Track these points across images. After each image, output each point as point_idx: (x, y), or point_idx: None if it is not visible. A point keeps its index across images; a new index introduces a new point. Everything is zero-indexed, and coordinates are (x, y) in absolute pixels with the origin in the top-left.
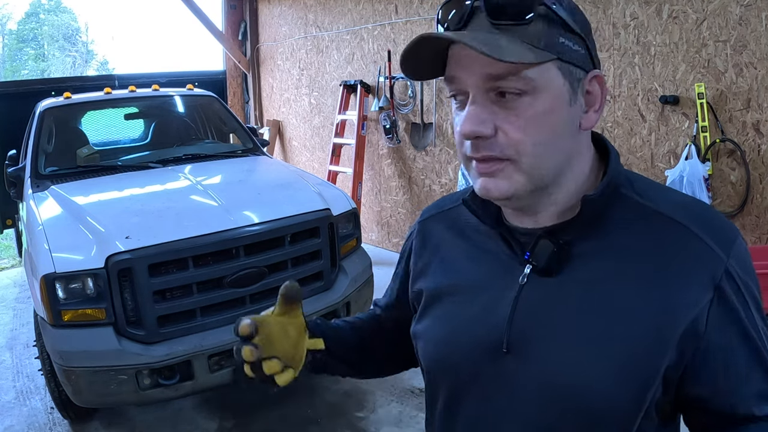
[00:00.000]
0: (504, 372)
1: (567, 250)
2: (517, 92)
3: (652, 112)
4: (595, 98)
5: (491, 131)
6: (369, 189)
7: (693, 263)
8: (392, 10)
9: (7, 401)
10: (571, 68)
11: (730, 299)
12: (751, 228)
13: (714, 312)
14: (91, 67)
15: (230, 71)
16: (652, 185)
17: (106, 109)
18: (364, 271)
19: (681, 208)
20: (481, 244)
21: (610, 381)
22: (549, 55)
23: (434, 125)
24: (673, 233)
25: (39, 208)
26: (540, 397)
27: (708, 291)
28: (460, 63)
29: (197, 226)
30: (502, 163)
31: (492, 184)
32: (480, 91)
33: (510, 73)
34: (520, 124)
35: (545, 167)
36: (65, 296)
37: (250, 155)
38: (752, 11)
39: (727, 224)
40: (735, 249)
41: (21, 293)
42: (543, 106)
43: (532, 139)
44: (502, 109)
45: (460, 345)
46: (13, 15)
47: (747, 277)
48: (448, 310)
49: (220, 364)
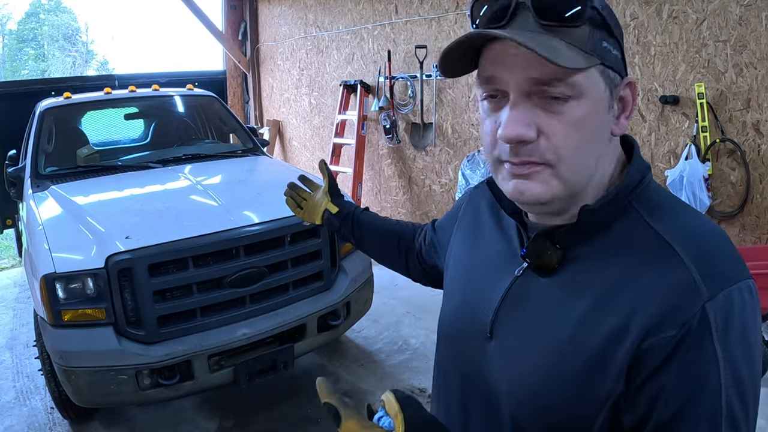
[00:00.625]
0: (484, 356)
1: (561, 253)
2: (561, 97)
3: (652, 112)
4: (626, 104)
5: (535, 135)
6: (369, 189)
7: (664, 288)
8: (392, 10)
9: (7, 401)
10: (611, 74)
11: (696, 346)
12: (751, 228)
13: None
14: (91, 67)
15: (230, 71)
16: (672, 206)
17: (106, 109)
18: (364, 270)
19: (686, 234)
20: (501, 228)
21: (566, 392)
22: (595, 60)
23: (434, 125)
24: (658, 255)
25: (39, 208)
26: (508, 389)
27: (673, 325)
28: (503, 63)
29: (197, 226)
30: (539, 166)
31: (526, 187)
32: (523, 93)
33: (556, 77)
34: (561, 128)
35: (581, 173)
36: (65, 296)
37: (250, 155)
38: (752, 11)
39: (733, 266)
40: (726, 294)
41: (21, 293)
42: (585, 112)
43: (573, 145)
44: (544, 113)
45: (458, 321)
46: (13, 15)
47: (730, 330)
48: (458, 285)
49: (220, 364)
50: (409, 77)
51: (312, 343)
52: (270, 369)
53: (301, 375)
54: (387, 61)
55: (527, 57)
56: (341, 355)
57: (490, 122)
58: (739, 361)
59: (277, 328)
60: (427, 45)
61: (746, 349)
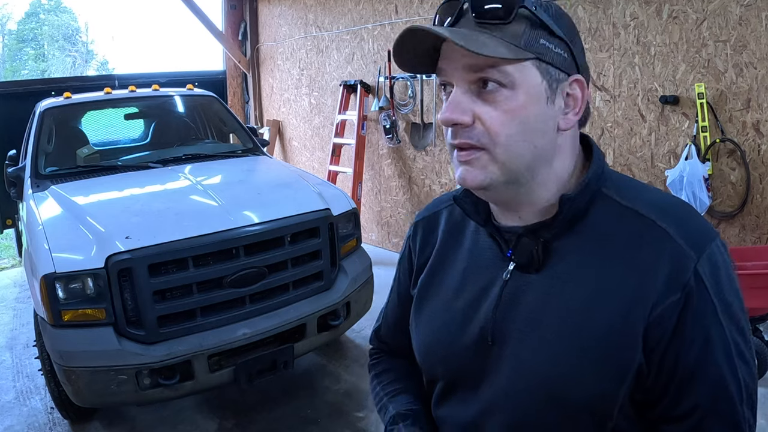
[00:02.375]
0: (490, 363)
1: (547, 247)
2: (496, 84)
3: (652, 112)
4: (575, 101)
5: (470, 119)
6: (369, 189)
7: (662, 261)
8: (392, 10)
9: (7, 401)
10: (551, 69)
11: (697, 302)
12: (751, 228)
13: (678, 312)
14: (91, 67)
15: (230, 71)
16: (635, 186)
17: (106, 109)
18: (364, 271)
19: (658, 208)
20: (471, 242)
21: (585, 373)
22: (527, 54)
23: (434, 125)
24: (647, 232)
25: (39, 208)
26: (523, 388)
27: (675, 290)
28: (447, 57)
29: (197, 226)
30: (479, 152)
31: (468, 173)
32: (463, 82)
33: (488, 65)
34: (496, 115)
35: (517, 160)
36: (65, 296)
37: (250, 155)
38: (752, 11)
39: (704, 227)
40: (708, 252)
41: (21, 293)
42: (519, 101)
43: (507, 131)
44: (481, 101)
45: (450, 337)
46: (13, 15)
47: (719, 282)
48: (438, 305)
49: (220, 364)
50: (409, 77)
51: (312, 343)
52: (270, 369)
53: (301, 375)
54: (387, 61)
55: (462, 49)
56: (341, 355)
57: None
58: (732, 302)
59: (277, 328)
60: None
61: (733, 291)
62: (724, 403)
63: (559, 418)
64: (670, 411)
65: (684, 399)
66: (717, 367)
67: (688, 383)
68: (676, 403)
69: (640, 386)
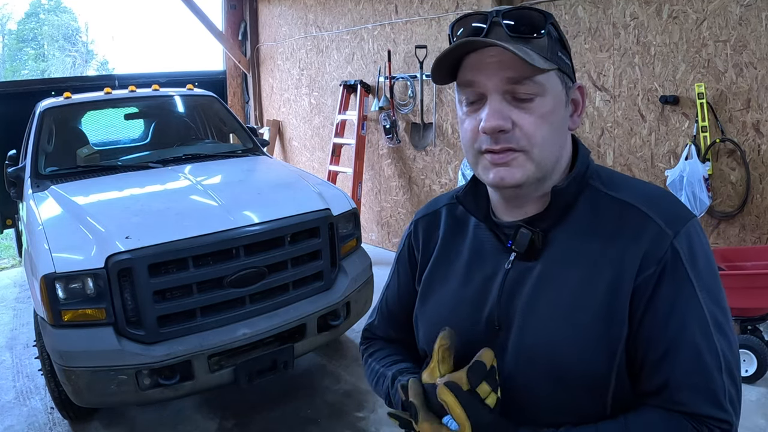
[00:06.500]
0: (497, 348)
1: (544, 236)
2: (529, 94)
3: (652, 112)
4: (577, 105)
5: (510, 125)
6: (369, 189)
7: (643, 239)
8: (392, 10)
9: (7, 401)
10: (565, 77)
11: (673, 274)
12: (751, 228)
13: (653, 284)
14: (91, 67)
15: (230, 71)
16: (619, 177)
17: (106, 109)
18: (364, 271)
19: (640, 195)
20: (473, 237)
21: (581, 346)
22: (554, 65)
23: (434, 125)
24: (630, 216)
25: (39, 208)
26: (526, 364)
27: (652, 263)
28: (481, 69)
29: (197, 226)
30: (516, 153)
31: (507, 173)
32: (498, 93)
33: (526, 77)
34: (532, 120)
35: (550, 158)
36: (65, 296)
37: (250, 155)
38: (752, 11)
39: (682, 210)
40: (685, 230)
41: (21, 293)
42: (549, 106)
43: (541, 133)
44: (516, 109)
45: (461, 323)
46: (13, 15)
47: (695, 257)
48: (446, 295)
49: (220, 364)
50: (409, 77)
51: (312, 343)
52: (270, 369)
53: (301, 375)
54: (387, 61)
55: (501, 61)
56: (341, 355)
57: (471, 121)
58: (708, 276)
59: (277, 328)
60: (427, 45)
61: (709, 266)
62: (699, 373)
63: (561, 395)
64: (649, 382)
65: (661, 369)
66: (692, 336)
67: (664, 354)
68: (653, 374)
69: (630, 360)
